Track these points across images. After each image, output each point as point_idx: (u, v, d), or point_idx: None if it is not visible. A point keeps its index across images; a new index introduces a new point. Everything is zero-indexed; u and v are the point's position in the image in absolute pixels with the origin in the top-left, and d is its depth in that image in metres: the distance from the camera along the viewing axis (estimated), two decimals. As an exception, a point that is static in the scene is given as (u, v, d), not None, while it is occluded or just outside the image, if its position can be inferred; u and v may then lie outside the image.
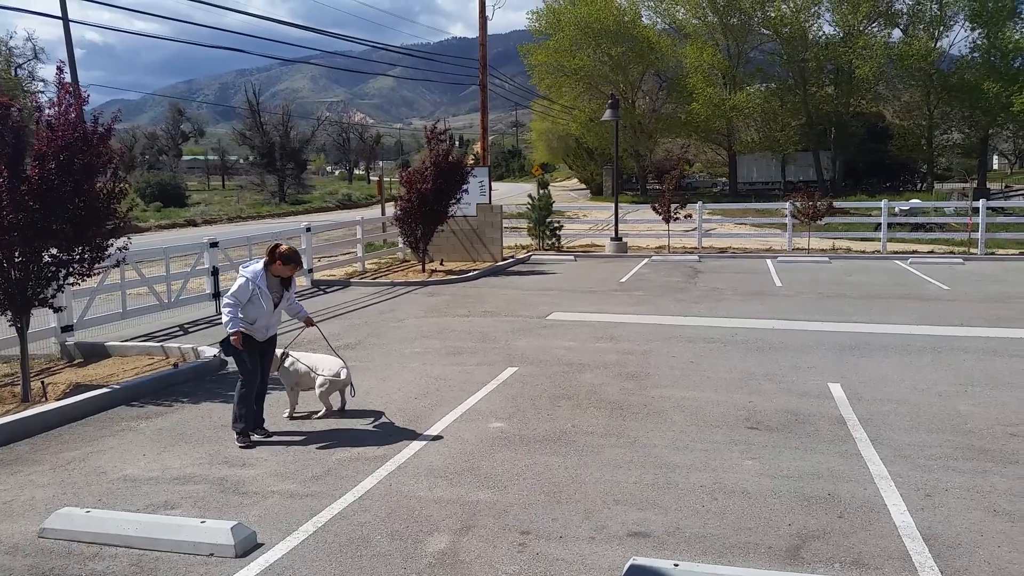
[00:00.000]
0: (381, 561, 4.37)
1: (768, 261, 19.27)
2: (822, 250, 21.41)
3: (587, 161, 61.54)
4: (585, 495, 5.23)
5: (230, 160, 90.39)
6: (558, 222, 23.28)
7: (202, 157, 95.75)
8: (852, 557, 4.34)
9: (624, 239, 22.07)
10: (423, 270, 17.57)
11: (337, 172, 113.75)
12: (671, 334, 10.62)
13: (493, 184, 21.50)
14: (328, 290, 15.46)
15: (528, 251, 21.91)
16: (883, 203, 21.86)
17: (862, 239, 23.05)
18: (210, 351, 9.40)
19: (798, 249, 21.38)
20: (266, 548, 4.54)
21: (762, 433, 6.43)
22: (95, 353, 9.81)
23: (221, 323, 6.50)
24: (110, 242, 8.15)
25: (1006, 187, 49.18)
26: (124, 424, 7.02)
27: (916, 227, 25.58)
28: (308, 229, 16.35)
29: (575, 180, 76.58)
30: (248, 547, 4.52)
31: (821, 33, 50.32)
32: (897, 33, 49.69)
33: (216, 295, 13.02)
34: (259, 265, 6.49)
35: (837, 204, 22.86)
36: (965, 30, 47.97)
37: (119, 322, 11.33)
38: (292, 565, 4.36)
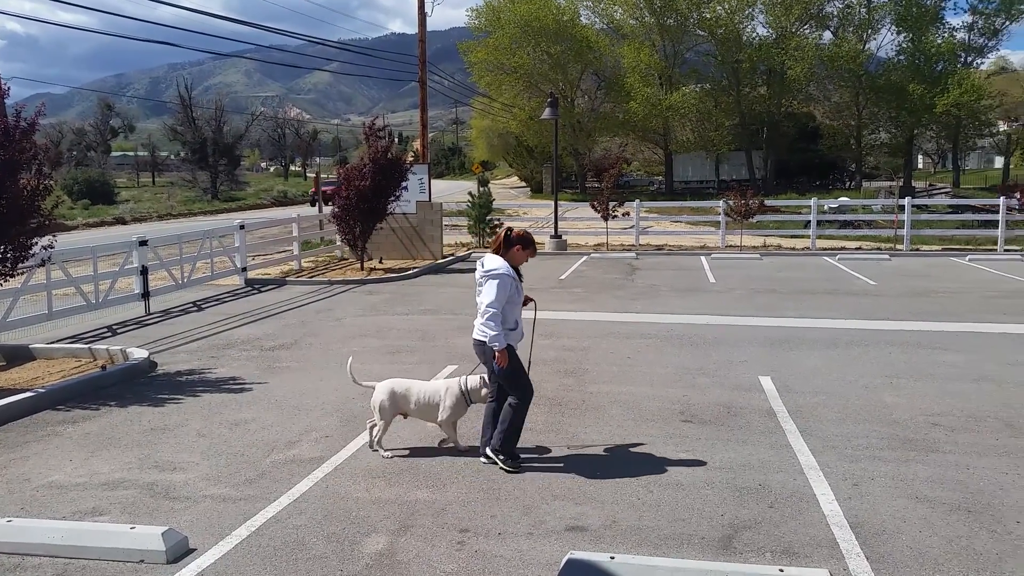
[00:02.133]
0: (317, 564, 4.32)
1: (703, 258, 19.66)
2: (754, 247, 21.94)
3: (527, 159, 61.80)
4: (524, 491, 5.26)
5: (161, 156, 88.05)
6: (498, 220, 23.31)
7: (132, 153, 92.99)
8: (783, 546, 4.46)
9: (564, 236, 22.23)
10: (362, 268, 17.40)
11: (272, 168, 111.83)
12: (609, 330, 10.74)
13: (433, 181, 21.43)
14: (263, 289, 15.18)
15: (468, 249, 21.88)
16: (813, 201, 22.50)
17: (792, 236, 23.70)
18: (139, 353, 9.14)
19: (731, 246, 21.85)
20: (198, 553, 4.45)
21: (696, 426, 6.56)
22: (19, 356, 9.43)
23: (485, 339, 5.52)
24: (34, 241, 7.88)
25: (930, 185, 51.17)
26: (50, 429, 6.78)
27: (844, 224, 26.41)
28: (242, 227, 16.02)
29: (515, 178, 76.85)
30: (180, 553, 4.42)
31: (755, 35, 51.56)
32: (828, 35, 51.25)
33: (145, 295, 12.66)
34: (499, 258, 5.60)
35: (768, 202, 23.47)
36: (892, 33, 49.77)
37: (44, 323, 10.92)
38: (225, 570, 4.27)
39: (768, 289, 14.40)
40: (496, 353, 5.47)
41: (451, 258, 19.72)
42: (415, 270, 17.24)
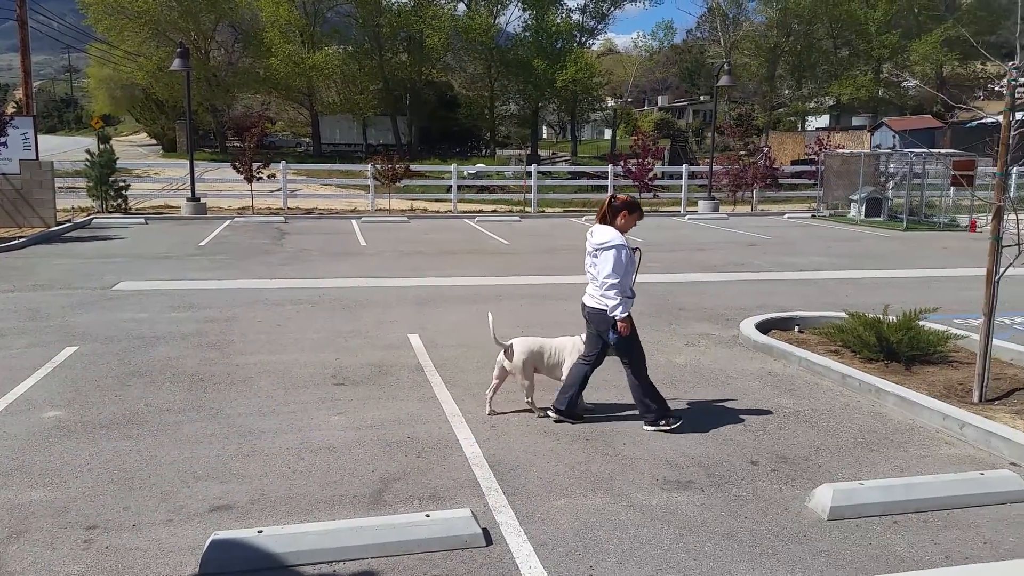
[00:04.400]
0: None
1: (353, 221, 19.76)
2: (402, 211, 22.60)
3: (157, 114, 56.27)
4: (161, 477, 4.86)
5: None
6: (124, 181, 21.06)
7: None
8: (429, 492, 4.69)
9: (203, 199, 20.85)
10: (-52, 239, 14.62)
11: None
12: (257, 298, 10.33)
13: (43, 137, 18.65)
14: None
15: (89, 214, 19.52)
16: (453, 167, 23.78)
17: (437, 200, 24.85)
18: None
19: (381, 210, 22.26)
20: None
21: (348, 388, 6.60)
22: None
23: (606, 309, 5.47)
24: None
25: (553, 154, 56.69)
26: None
27: (482, 189, 28.32)
28: None
29: (144, 135, 69.61)
30: None
31: (394, 0, 52.29)
32: (462, 7, 53.82)
33: None
34: (609, 228, 5.58)
35: (414, 167, 24.30)
36: (519, 10, 53.82)
37: None
38: None
39: (415, 251, 14.93)
40: (618, 322, 5.50)
41: (67, 225, 17.41)
42: (21, 240, 14.94)
